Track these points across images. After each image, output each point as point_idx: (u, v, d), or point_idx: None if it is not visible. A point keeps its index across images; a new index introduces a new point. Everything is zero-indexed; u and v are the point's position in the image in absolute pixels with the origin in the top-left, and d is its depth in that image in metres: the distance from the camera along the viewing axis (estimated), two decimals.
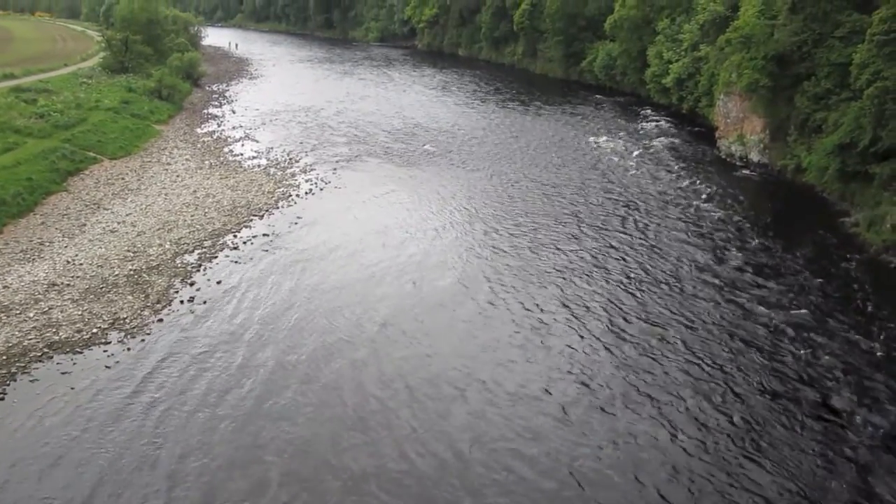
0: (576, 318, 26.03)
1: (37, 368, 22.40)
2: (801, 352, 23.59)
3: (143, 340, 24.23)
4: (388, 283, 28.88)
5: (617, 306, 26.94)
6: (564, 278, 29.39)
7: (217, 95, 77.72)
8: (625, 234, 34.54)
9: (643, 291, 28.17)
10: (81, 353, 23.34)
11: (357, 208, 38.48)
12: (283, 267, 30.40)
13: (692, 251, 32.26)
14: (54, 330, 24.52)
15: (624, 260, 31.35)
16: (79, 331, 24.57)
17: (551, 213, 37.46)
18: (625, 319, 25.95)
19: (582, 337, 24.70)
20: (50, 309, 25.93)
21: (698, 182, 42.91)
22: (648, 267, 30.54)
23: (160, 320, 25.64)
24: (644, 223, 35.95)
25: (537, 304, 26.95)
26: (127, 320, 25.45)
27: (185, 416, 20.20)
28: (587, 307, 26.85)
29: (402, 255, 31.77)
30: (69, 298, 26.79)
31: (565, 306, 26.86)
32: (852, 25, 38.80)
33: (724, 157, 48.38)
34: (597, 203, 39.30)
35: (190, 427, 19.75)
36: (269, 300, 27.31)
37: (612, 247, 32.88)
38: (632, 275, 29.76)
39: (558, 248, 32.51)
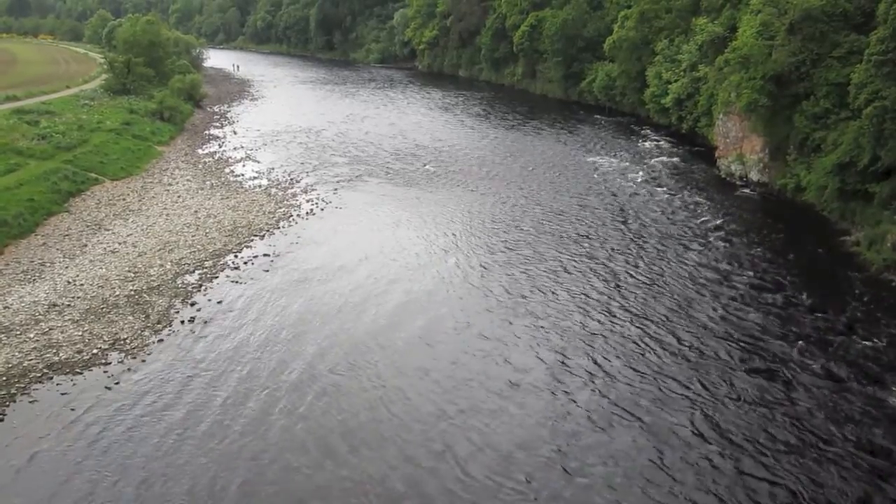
0: (569, 360, 24.91)
1: (37, 389, 22.32)
2: (806, 376, 23.49)
3: (143, 361, 24.16)
4: (383, 312, 28.16)
5: (616, 335, 26.76)
6: (561, 310, 28.55)
7: (218, 116, 78.09)
8: (625, 254, 34.49)
9: (645, 315, 28.10)
10: (81, 373, 23.27)
11: (358, 229, 38.53)
12: (283, 287, 30.37)
13: (693, 271, 32.21)
14: (54, 350, 24.45)
15: (624, 280, 31.29)
16: (79, 351, 24.50)
17: (552, 238, 37.34)
18: (624, 355, 25.83)
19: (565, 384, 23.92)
20: (50, 329, 25.88)
21: (698, 202, 42.97)
22: (649, 290, 30.46)
23: (161, 341, 25.58)
24: (645, 245, 35.92)
25: (535, 350, 25.02)
26: (127, 341, 25.39)
27: (184, 439, 20.10)
28: (585, 347, 26.08)
29: (400, 279, 31.49)
30: (70, 319, 26.75)
31: (563, 340, 26.14)
32: (850, 46, 39.04)
33: (723, 176, 48.48)
34: (598, 224, 39.30)
35: (190, 450, 19.65)
36: (269, 321, 27.24)
37: (613, 270, 32.80)
38: (632, 296, 29.70)
39: (557, 277, 31.89)
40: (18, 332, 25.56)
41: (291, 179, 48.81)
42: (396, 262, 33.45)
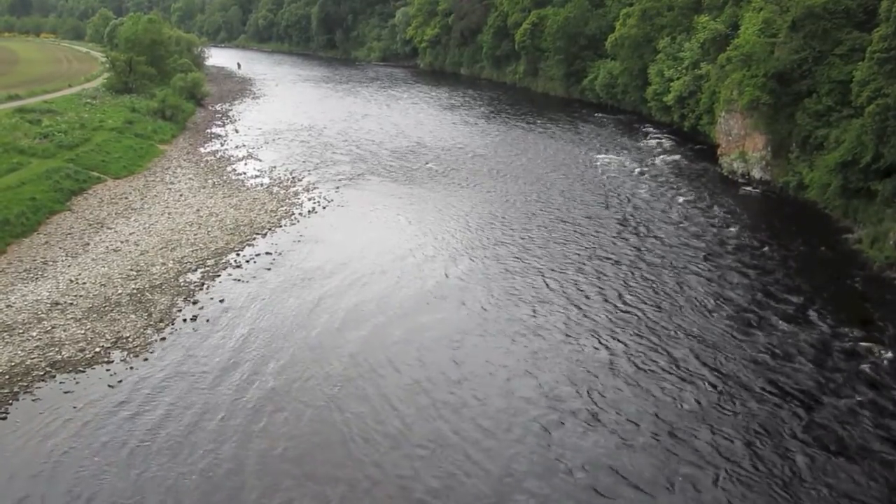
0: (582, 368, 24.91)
1: (39, 388, 22.39)
2: (811, 374, 23.49)
3: (146, 359, 24.20)
4: (380, 318, 27.52)
5: (617, 352, 26.59)
6: (562, 325, 27.23)
7: (220, 115, 78.10)
8: (628, 254, 34.46)
9: (648, 316, 28.11)
10: (84, 372, 23.33)
11: (359, 227, 38.53)
12: (285, 286, 30.39)
13: (696, 270, 32.16)
14: (57, 349, 24.50)
15: (626, 281, 31.28)
16: (82, 350, 24.55)
17: (554, 240, 37.19)
18: (631, 357, 25.83)
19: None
20: (53, 328, 25.92)
21: (701, 200, 42.89)
22: (652, 292, 30.42)
23: (163, 339, 25.62)
24: (648, 244, 35.85)
25: (536, 365, 23.97)
26: (130, 339, 25.43)
27: (186, 436, 20.15)
28: (590, 356, 25.84)
29: (399, 284, 31.11)
30: (72, 317, 26.79)
31: (569, 356, 25.94)
32: (852, 43, 38.97)
33: (726, 174, 48.41)
34: (599, 224, 39.20)
35: (190, 447, 19.70)
36: (270, 320, 27.26)
37: (615, 272, 32.76)
38: (636, 297, 29.69)
39: (556, 286, 30.89)
40: (21, 331, 25.61)
41: (293, 178, 48.82)
42: (396, 262, 33.40)
